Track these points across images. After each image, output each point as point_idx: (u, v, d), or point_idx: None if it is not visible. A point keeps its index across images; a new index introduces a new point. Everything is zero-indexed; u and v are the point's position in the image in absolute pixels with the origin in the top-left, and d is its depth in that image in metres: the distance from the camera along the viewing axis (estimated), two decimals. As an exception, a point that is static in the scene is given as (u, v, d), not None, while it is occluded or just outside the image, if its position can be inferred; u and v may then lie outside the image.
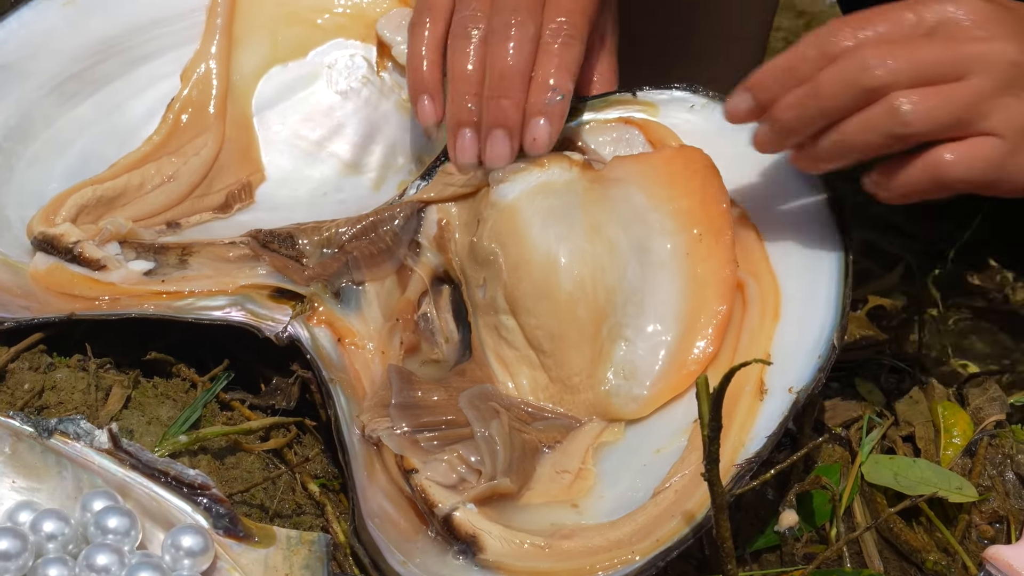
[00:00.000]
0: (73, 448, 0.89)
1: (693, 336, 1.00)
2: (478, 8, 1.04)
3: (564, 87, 1.02)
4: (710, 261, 1.01)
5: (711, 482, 0.83)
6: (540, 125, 1.03)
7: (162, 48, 1.17)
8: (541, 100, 1.02)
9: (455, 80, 1.04)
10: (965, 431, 1.06)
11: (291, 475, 0.98)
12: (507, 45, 1.02)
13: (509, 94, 1.02)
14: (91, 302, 1.03)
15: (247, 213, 1.14)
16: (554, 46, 1.03)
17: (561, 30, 1.03)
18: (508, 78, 1.02)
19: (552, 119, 1.03)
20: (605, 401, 1.00)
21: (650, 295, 1.01)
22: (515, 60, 1.02)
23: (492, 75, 1.02)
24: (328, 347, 1.01)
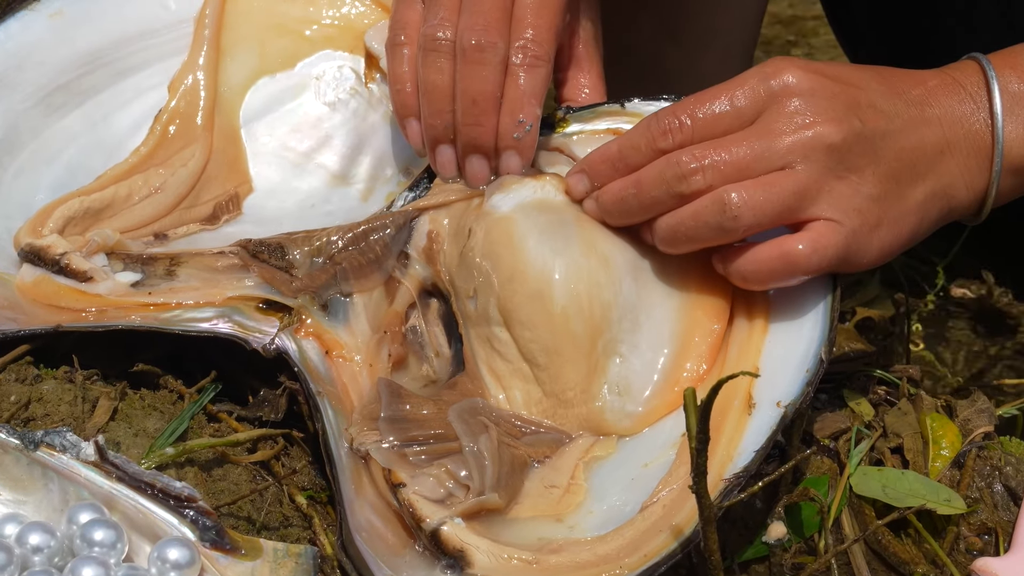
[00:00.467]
0: (59, 460, 0.88)
1: (687, 354, 1.00)
2: (445, 17, 1.05)
3: (532, 117, 1.05)
4: (705, 281, 1.02)
5: (698, 494, 0.83)
6: (511, 158, 1.06)
7: (149, 60, 1.17)
8: (510, 135, 1.05)
9: (428, 97, 1.06)
10: (953, 443, 1.06)
11: (278, 487, 0.98)
12: (477, 71, 1.04)
13: (481, 120, 1.05)
14: (78, 314, 1.03)
15: (234, 225, 1.14)
16: (520, 72, 1.04)
17: (527, 51, 1.05)
18: (479, 104, 1.04)
19: (523, 151, 1.06)
20: (599, 416, 1.00)
21: (645, 312, 1.01)
22: (485, 86, 1.04)
23: (464, 100, 1.04)
24: (316, 360, 1.01)
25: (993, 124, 0.99)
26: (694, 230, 0.97)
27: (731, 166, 0.95)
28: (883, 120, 0.97)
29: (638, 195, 0.98)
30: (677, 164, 0.96)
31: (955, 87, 1.00)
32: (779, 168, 0.95)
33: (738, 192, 0.94)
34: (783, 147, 0.95)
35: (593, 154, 1.02)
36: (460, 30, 1.04)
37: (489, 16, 1.04)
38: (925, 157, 0.98)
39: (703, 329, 1.01)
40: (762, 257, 0.96)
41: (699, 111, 0.98)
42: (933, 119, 0.99)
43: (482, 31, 1.03)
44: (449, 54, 1.05)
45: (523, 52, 1.04)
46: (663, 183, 0.97)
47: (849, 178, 0.96)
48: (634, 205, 0.99)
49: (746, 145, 0.96)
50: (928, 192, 0.99)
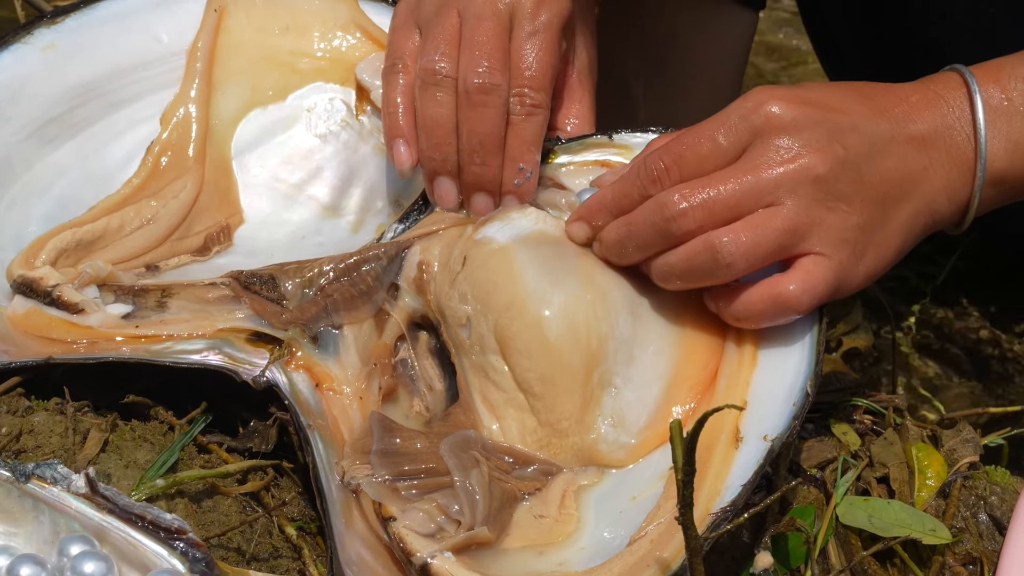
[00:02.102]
0: (50, 492, 0.89)
1: (680, 387, 1.01)
2: (445, 52, 1.07)
3: (532, 164, 1.08)
4: (699, 317, 1.02)
5: (685, 526, 0.83)
6: (513, 203, 1.09)
7: (142, 92, 1.18)
8: (511, 181, 1.08)
9: (428, 130, 1.07)
10: (939, 473, 1.06)
11: (268, 518, 0.98)
12: (483, 113, 1.06)
13: (488, 161, 1.07)
14: (69, 346, 1.03)
15: (225, 256, 1.15)
16: (519, 120, 1.07)
17: (525, 98, 1.07)
18: (485, 146, 1.06)
19: (523, 196, 1.09)
20: (592, 447, 1.00)
21: (640, 345, 1.02)
22: (491, 128, 1.06)
23: (469, 140, 1.06)
24: (306, 392, 1.01)
25: (976, 137, 1.00)
26: (687, 273, 0.98)
27: (719, 204, 0.96)
28: (866, 143, 0.98)
29: (632, 237, 1.00)
30: (665, 206, 0.97)
31: (937, 101, 1.01)
32: (767, 205, 0.96)
33: (729, 237, 0.95)
34: (770, 182, 0.96)
35: (590, 202, 1.04)
36: (462, 68, 1.06)
37: (491, 56, 1.06)
38: (910, 176, 0.99)
39: (696, 364, 1.01)
40: (754, 299, 0.97)
41: (685, 153, 0.98)
42: (916, 136, 0.99)
43: (486, 72, 1.05)
44: (449, 88, 1.06)
45: (521, 99, 1.06)
46: (653, 226, 0.98)
47: (838, 208, 0.97)
48: (630, 247, 1.00)
49: (733, 183, 0.96)
50: (913, 210, 1.00)
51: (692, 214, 0.96)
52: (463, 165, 1.07)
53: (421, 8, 1.10)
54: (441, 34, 1.07)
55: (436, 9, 1.09)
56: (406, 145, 1.09)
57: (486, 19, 1.07)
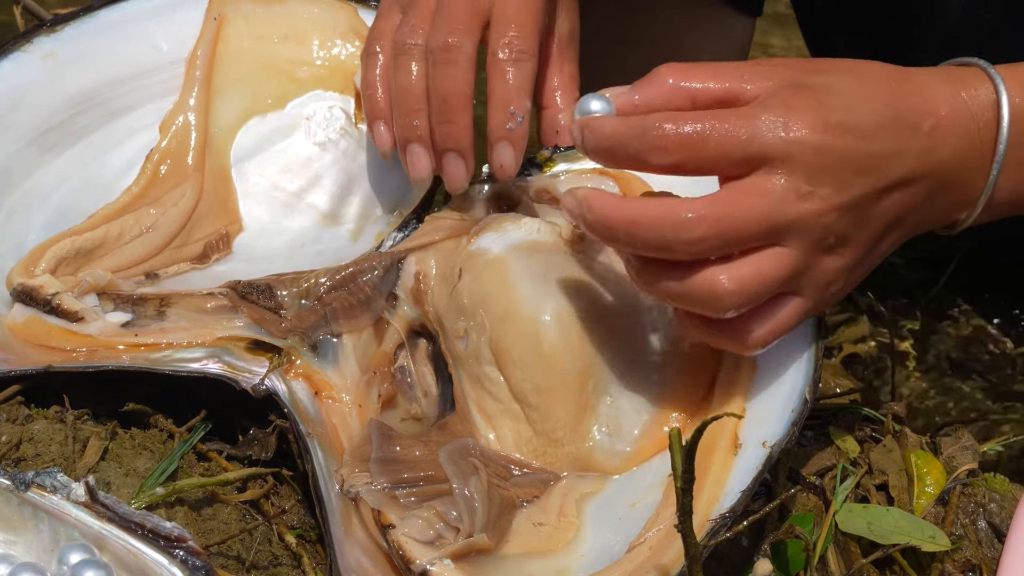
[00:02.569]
0: (50, 501, 0.89)
1: (677, 396, 1.01)
2: (417, 24, 1.07)
3: (522, 108, 1.05)
4: None
5: (684, 534, 0.83)
6: (505, 150, 1.06)
7: (141, 100, 1.18)
8: (502, 126, 1.05)
9: (399, 98, 1.06)
10: (938, 480, 1.06)
11: (268, 526, 0.98)
12: (446, 70, 1.04)
13: (453, 118, 1.04)
14: (69, 354, 1.04)
15: (225, 264, 1.15)
16: (507, 66, 1.05)
17: (512, 46, 1.05)
18: (449, 102, 1.04)
19: (515, 142, 1.06)
20: (588, 455, 1.00)
21: (636, 352, 1.02)
22: (454, 84, 1.04)
23: (435, 100, 1.05)
24: (305, 401, 1.01)
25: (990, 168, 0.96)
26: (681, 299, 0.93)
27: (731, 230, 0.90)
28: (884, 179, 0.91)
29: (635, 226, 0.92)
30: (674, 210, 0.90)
31: (967, 121, 0.94)
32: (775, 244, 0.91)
33: (730, 279, 0.90)
34: (783, 220, 0.90)
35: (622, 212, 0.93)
36: (430, 34, 1.05)
37: (457, 18, 1.05)
38: (914, 206, 0.95)
39: (694, 371, 1.01)
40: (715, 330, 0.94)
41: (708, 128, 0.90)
42: (935, 166, 0.94)
43: (449, 32, 1.04)
44: (419, 57, 1.05)
45: (508, 48, 1.05)
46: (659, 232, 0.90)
47: (835, 252, 0.92)
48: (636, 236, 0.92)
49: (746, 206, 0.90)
50: (900, 236, 0.97)
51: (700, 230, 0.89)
52: (433, 128, 1.05)
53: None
54: (418, 11, 1.07)
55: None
56: (386, 125, 1.08)
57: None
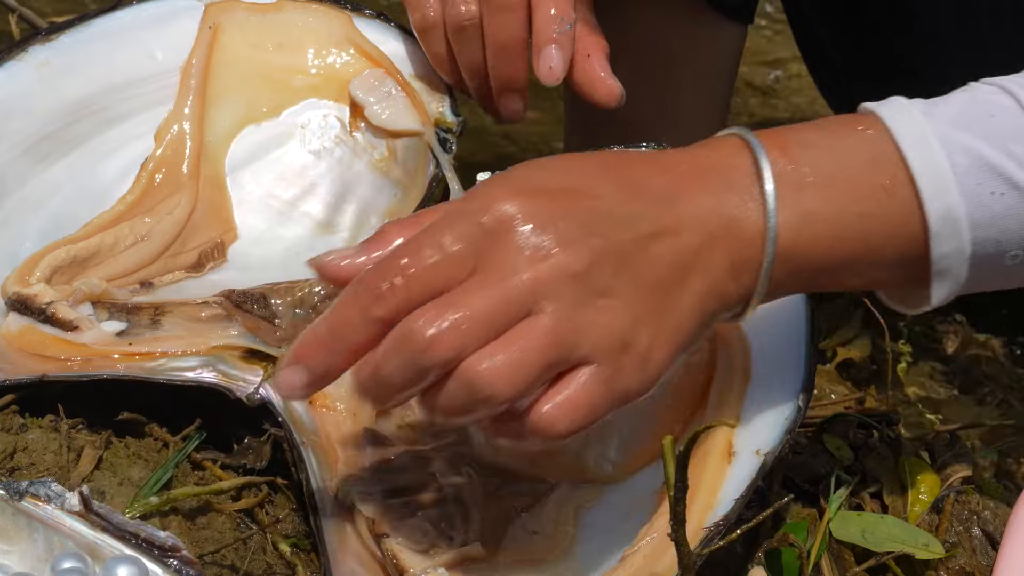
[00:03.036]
0: (44, 511, 0.89)
1: (670, 404, 1.01)
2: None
3: (569, 15, 1.08)
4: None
5: (678, 543, 0.84)
6: (554, 53, 1.08)
7: (136, 108, 1.18)
8: (550, 30, 1.08)
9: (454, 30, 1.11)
10: (932, 487, 1.07)
11: (262, 535, 0.98)
12: (504, 18, 1.08)
13: (511, 61, 1.10)
14: (63, 363, 1.04)
15: (220, 272, 1.15)
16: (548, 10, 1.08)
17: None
18: (509, 49, 1.09)
19: (563, 46, 1.09)
20: (581, 465, 1.00)
21: None
22: (513, 31, 1.09)
23: (494, 47, 1.09)
24: (300, 409, 1.01)
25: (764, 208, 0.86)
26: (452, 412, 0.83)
27: (474, 323, 0.80)
28: (626, 229, 0.83)
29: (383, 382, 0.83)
30: (410, 338, 0.81)
31: (709, 172, 0.87)
32: (525, 315, 0.81)
33: (487, 364, 0.80)
34: (524, 289, 0.81)
35: (302, 341, 0.85)
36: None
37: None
38: (683, 258, 0.85)
39: (688, 378, 1.01)
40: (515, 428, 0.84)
41: (411, 267, 0.82)
42: (686, 216, 0.85)
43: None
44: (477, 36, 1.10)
45: None
46: (404, 362, 0.82)
47: (607, 306, 0.82)
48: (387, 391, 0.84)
49: (481, 295, 0.81)
50: (698, 292, 0.86)
51: (445, 341, 0.80)
52: (491, 75, 1.11)
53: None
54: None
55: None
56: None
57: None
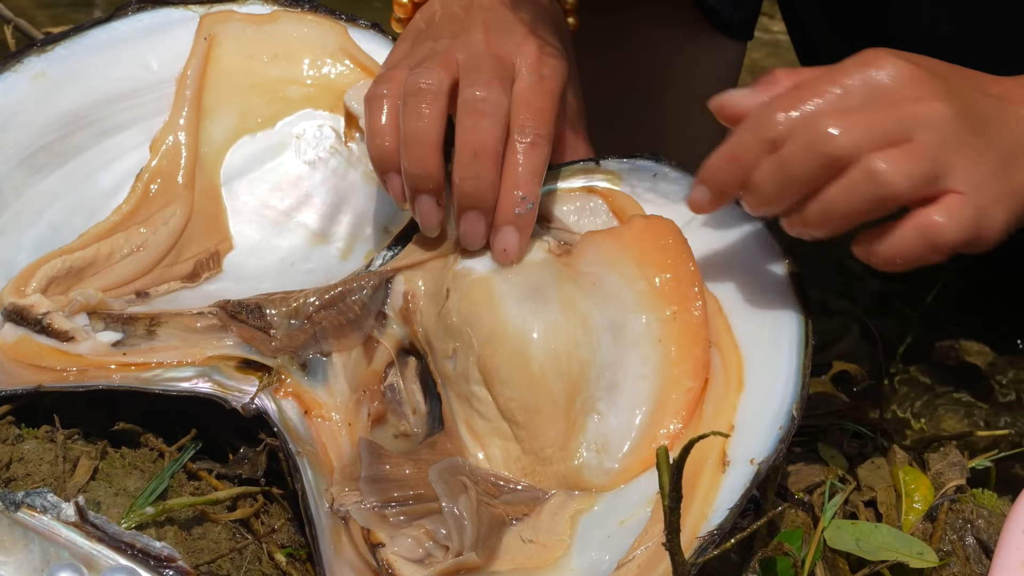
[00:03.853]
0: (40, 521, 0.89)
1: (664, 412, 1.01)
2: (437, 72, 1.03)
3: (533, 195, 1.03)
4: (683, 340, 1.03)
5: (672, 552, 0.84)
6: (511, 234, 1.03)
7: (132, 119, 1.18)
8: (511, 210, 1.03)
9: (410, 145, 1.02)
10: (926, 496, 1.07)
11: (258, 545, 0.98)
12: (480, 122, 1.01)
13: (481, 174, 1.02)
14: (59, 374, 1.04)
15: (215, 282, 1.15)
16: (522, 149, 1.03)
17: (528, 129, 1.03)
18: (480, 156, 1.01)
19: (522, 228, 1.04)
20: (576, 473, 1.00)
21: (622, 370, 1.02)
22: (488, 138, 1.01)
23: (464, 152, 1.02)
24: (295, 419, 1.02)
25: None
26: (848, 206, 0.94)
27: (868, 129, 0.93)
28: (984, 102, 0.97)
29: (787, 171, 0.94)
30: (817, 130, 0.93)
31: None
32: (905, 140, 0.93)
33: (885, 161, 0.92)
34: (907, 116, 0.94)
35: (705, 166, 0.99)
36: (462, 87, 1.03)
37: (493, 77, 1.03)
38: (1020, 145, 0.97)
39: (680, 387, 1.02)
40: (903, 236, 0.94)
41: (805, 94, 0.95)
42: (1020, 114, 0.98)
43: (486, 85, 1.02)
44: (437, 100, 1.02)
45: (524, 130, 1.03)
46: (808, 151, 0.93)
47: (970, 153, 0.94)
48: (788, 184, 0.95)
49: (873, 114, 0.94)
50: None
51: (848, 134, 0.92)
52: (456, 180, 1.02)
53: (414, 55, 1.08)
54: (438, 60, 1.04)
55: (432, 52, 1.07)
56: (397, 175, 1.05)
57: (488, 56, 1.05)
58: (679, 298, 1.04)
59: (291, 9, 1.21)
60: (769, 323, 1.02)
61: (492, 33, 1.08)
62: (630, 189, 1.12)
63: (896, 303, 1.54)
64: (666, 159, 1.12)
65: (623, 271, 1.05)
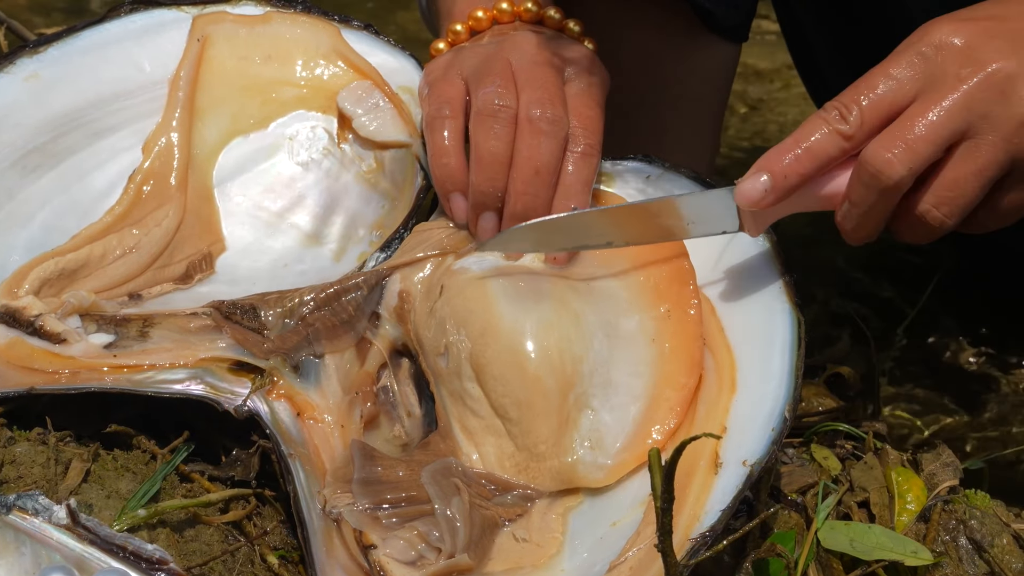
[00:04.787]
0: (32, 524, 0.89)
1: (658, 408, 1.01)
2: (503, 86, 1.06)
3: (583, 205, 1.06)
4: (677, 337, 1.03)
5: (664, 553, 0.84)
6: None
7: (124, 121, 1.18)
8: None
9: (483, 163, 1.05)
10: (919, 497, 1.07)
11: (250, 547, 0.98)
12: (544, 142, 1.04)
13: (540, 192, 1.05)
14: (51, 376, 1.04)
15: (208, 284, 1.15)
16: (577, 157, 1.05)
17: (580, 137, 1.06)
18: (541, 175, 1.04)
19: None
20: (571, 469, 1.00)
21: (616, 367, 1.02)
22: (550, 159, 1.04)
23: (525, 169, 1.04)
24: (287, 422, 1.02)
25: None
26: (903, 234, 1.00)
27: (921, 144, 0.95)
28: None
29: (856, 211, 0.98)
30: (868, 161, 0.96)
31: None
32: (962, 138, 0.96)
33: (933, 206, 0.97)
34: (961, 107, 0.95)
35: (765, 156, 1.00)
36: (524, 101, 1.05)
37: (554, 92, 1.05)
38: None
39: (674, 383, 1.02)
40: None
41: (863, 97, 0.98)
42: None
43: (549, 104, 1.05)
44: (508, 121, 1.05)
45: (576, 140, 1.06)
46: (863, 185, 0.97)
47: None
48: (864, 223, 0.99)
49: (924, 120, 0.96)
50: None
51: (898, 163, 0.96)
52: (513, 195, 1.05)
53: (463, 61, 1.10)
54: (495, 72, 1.07)
55: (484, 59, 1.09)
56: (463, 196, 1.07)
57: (543, 65, 1.07)
58: (673, 297, 1.04)
59: (284, 10, 1.21)
60: (762, 325, 1.02)
61: (540, 37, 1.10)
62: (622, 190, 1.12)
63: (889, 305, 1.54)
64: (658, 160, 1.12)
65: (617, 272, 1.05)
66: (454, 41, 1.16)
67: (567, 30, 1.16)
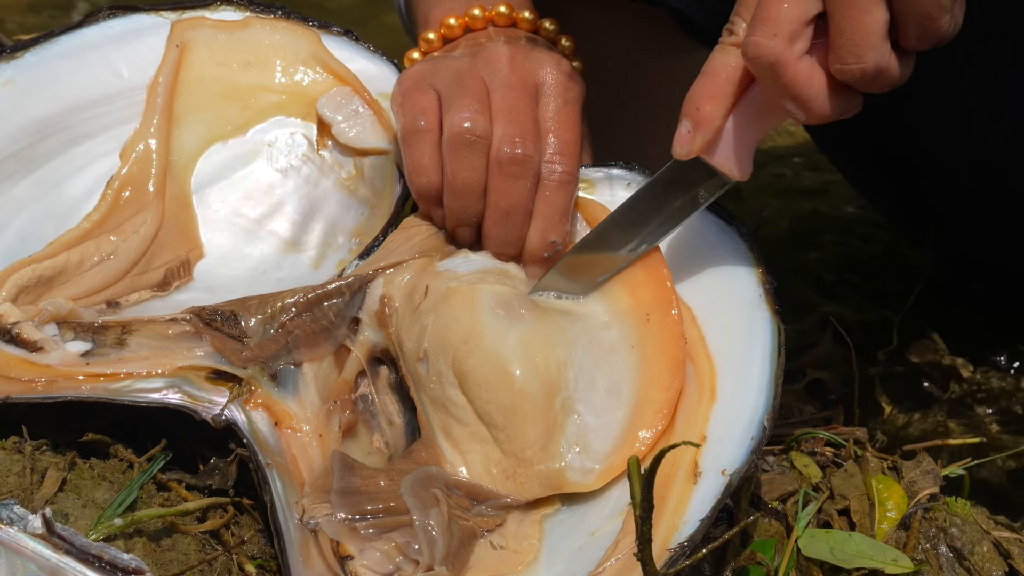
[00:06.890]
0: (6, 533, 0.88)
1: (645, 411, 1.01)
2: (478, 111, 1.06)
3: (562, 236, 1.07)
4: (660, 340, 1.03)
5: (643, 562, 0.83)
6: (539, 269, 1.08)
7: (102, 127, 1.18)
8: (540, 252, 1.07)
9: (458, 192, 1.06)
10: (899, 504, 1.07)
11: (228, 556, 0.98)
12: (513, 184, 1.05)
13: (512, 230, 1.07)
14: (27, 384, 1.03)
15: (185, 292, 1.14)
16: (552, 187, 1.06)
17: (556, 168, 1.06)
18: (512, 216, 1.06)
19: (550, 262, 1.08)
20: (559, 474, 1.00)
21: (600, 371, 1.02)
22: (520, 200, 1.06)
23: (497, 211, 1.06)
24: (265, 431, 1.01)
25: None
26: None
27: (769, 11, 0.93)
28: None
29: None
30: None
31: None
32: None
33: None
34: None
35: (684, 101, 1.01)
36: (497, 136, 1.05)
37: (526, 127, 1.05)
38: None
39: (660, 384, 1.02)
40: None
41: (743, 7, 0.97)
42: None
43: (521, 143, 1.05)
44: (482, 152, 1.05)
45: (553, 168, 1.06)
46: None
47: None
48: None
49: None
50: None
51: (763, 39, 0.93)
52: (489, 226, 1.07)
53: (436, 73, 1.10)
54: (470, 94, 1.06)
55: (457, 74, 1.08)
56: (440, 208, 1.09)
57: (516, 88, 1.07)
58: (653, 300, 1.04)
59: (263, 16, 1.20)
60: (742, 333, 1.02)
61: (513, 49, 1.10)
62: (603, 198, 1.11)
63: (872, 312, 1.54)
64: (639, 168, 1.12)
65: (599, 278, 1.05)
66: (427, 50, 1.15)
67: (542, 31, 1.15)
